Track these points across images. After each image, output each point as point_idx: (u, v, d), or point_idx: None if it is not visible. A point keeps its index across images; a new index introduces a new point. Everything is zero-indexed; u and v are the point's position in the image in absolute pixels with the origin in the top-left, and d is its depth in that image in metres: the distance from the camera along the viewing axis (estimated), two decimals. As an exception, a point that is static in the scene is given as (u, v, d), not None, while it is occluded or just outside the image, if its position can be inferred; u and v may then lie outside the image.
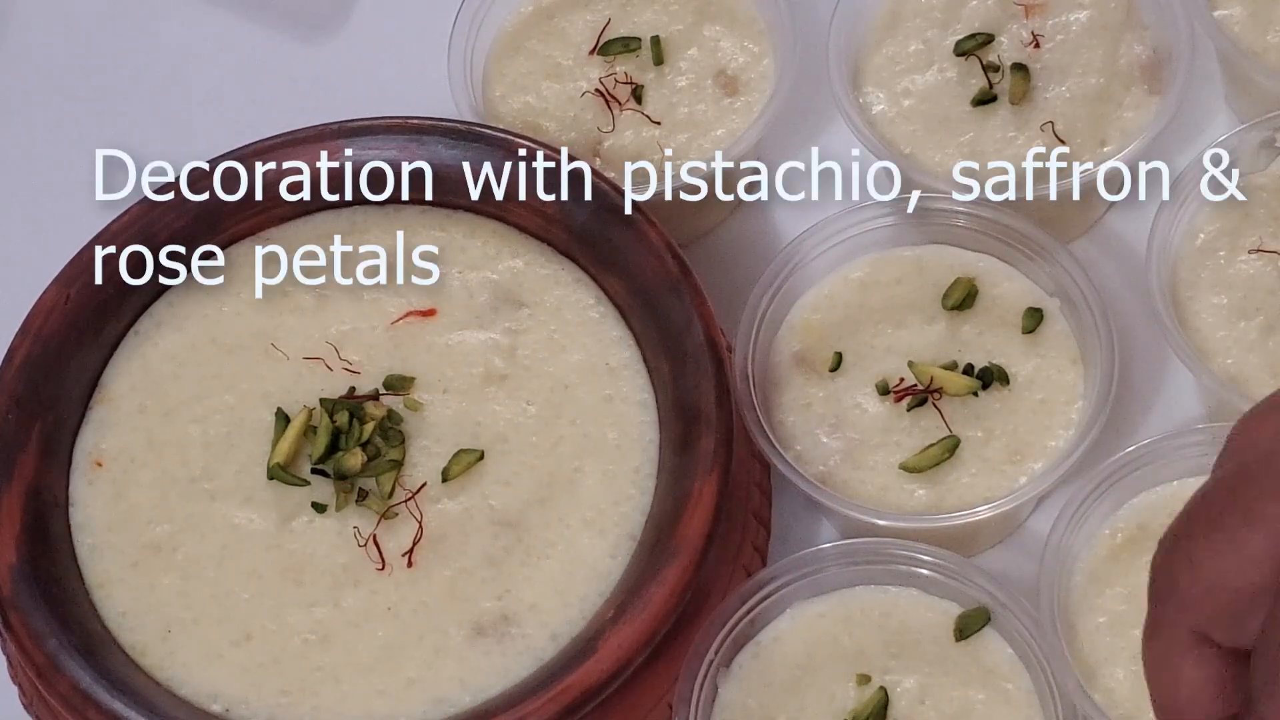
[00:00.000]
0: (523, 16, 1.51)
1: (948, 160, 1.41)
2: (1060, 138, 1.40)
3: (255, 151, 1.36)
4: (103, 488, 1.29)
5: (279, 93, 1.61)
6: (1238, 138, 1.36)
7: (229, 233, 1.36)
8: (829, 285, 1.38)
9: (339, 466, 1.27)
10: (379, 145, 1.36)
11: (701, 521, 1.21)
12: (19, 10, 1.69)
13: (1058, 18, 1.44)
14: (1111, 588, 1.25)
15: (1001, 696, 1.23)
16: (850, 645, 1.25)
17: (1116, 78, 1.42)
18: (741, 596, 1.25)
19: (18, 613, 1.21)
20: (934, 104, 1.43)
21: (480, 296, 1.33)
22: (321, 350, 1.32)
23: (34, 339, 1.30)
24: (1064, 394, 1.33)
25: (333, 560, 1.26)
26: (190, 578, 1.26)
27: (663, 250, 1.30)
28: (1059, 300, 1.35)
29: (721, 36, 1.48)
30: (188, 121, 1.62)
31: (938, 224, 1.38)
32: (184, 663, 1.23)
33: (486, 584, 1.24)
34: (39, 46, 1.68)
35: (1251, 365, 1.31)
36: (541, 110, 1.47)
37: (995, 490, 1.30)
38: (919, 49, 1.45)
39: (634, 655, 1.18)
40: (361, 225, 1.37)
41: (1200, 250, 1.35)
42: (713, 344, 1.27)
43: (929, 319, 1.36)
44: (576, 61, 1.48)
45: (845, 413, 1.33)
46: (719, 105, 1.46)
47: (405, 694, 1.22)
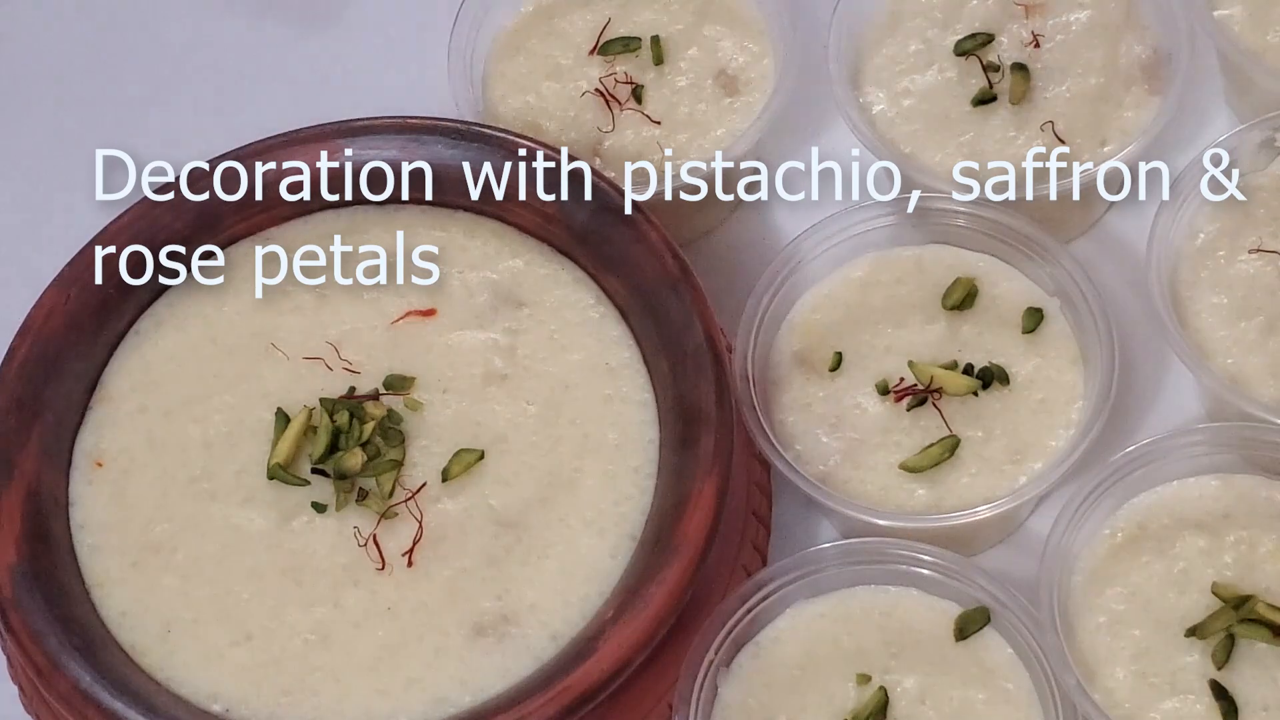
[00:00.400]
0: (523, 16, 1.51)
1: (948, 160, 1.41)
2: (1060, 138, 1.40)
3: (255, 151, 1.36)
4: (103, 488, 1.29)
5: (279, 93, 1.62)
6: (1238, 138, 1.36)
7: (229, 233, 1.36)
8: (829, 285, 1.38)
9: (339, 466, 1.27)
10: (379, 145, 1.36)
11: (701, 521, 1.21)
12: (19, 10, 1.69)
13: (1058, 18, 1.44)
14: (1111, 588, 1.25)
15: (1001, 696, 1.23)
16: (850, 645, 1.25)
17: (1116, 78, 1.42)
18: (741, 596, 1.25)
19: (18, 613, 1.21)
20: (934, 104, 1.43)
21: (480, 296, 1.34)
22: (321, 350, 1.32)
23: (34, 339, 1.30)
24: (1064, 394, 1.33)
25: (333, 560, 1.25)
26: (190, 578, 1.26)
27: (663, 250, 1.30)
28: (1059, 300, 1.35)
29: (721, 36, 1.48)
30: (188, 121, 1.62)
31: (938, 224, 1.38)
32: (184, 662, 1.23)
33: (486, 584, 1.24)
34: (39, 46, 1.68)
35: (1251, 365, 1.31)
36: (541, 110, 1.47)
37: (995, 490, 1.30)
38: (919, 49, 1.45)
39: (634, 655, 1.18)
40: (361, 225, 1.37)
41: (1200, 250, 1.35)
42: (713, 343, 1.27)
43: (929, 319, 1.36)
44: (576, 61, 1.48)
45: (845, 413, 1.33)
46: (719, 105, 1.46)
47: (405, 694, 1.22)
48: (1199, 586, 1.24)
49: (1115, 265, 1.45)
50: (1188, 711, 1.21)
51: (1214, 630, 1.22)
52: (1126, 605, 1.24)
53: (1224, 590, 1.23)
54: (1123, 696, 1.22)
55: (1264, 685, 1.21)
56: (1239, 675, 1.21)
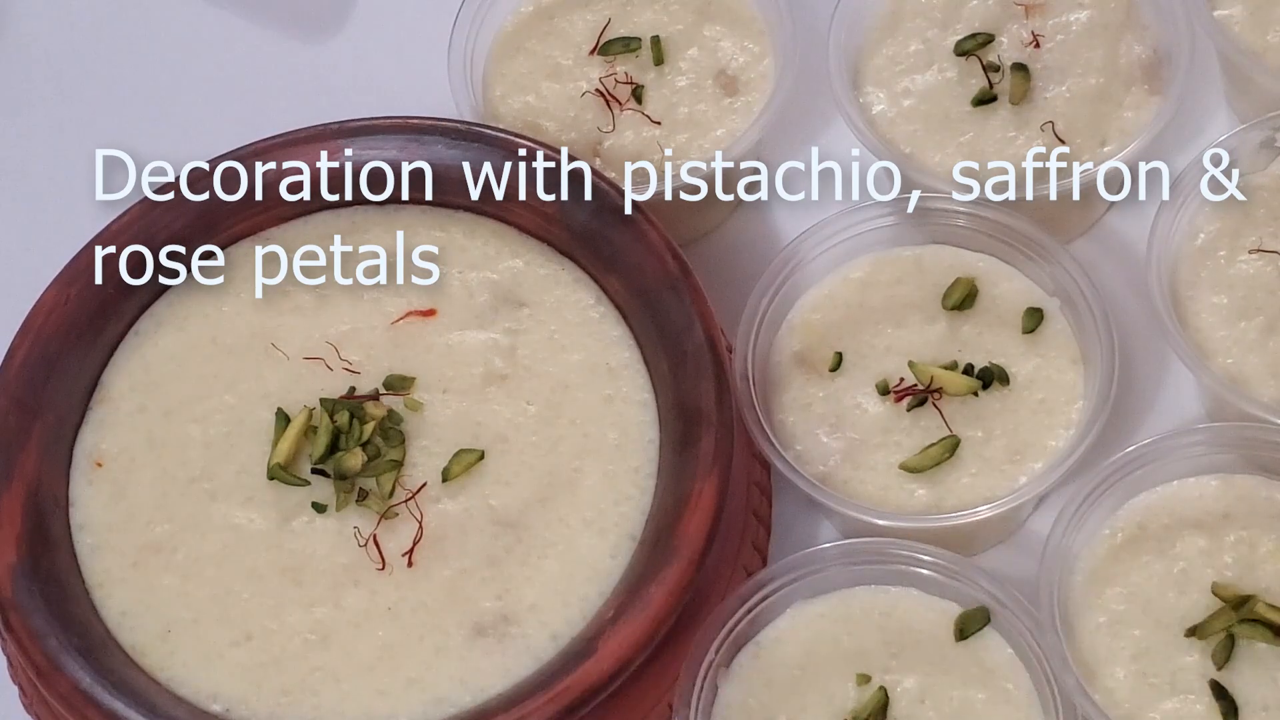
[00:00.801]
0: (523, 16, 1.51)
1: (948, 160, 1.41)
2: (1060, 138, 1.40)
3: (255, 151, 1.36)
4: (103, 488, 1.29)
5: (279, 93, 1.62)
6: (1238, 138, 1.36)
7: (229, 233, 1.36)
8: (829, 285, 1.38)
9: (339, 466, 1.27)
10: (379, 145, 1.36)
11: (701, 521, 1.21)
12: (19, 10, 1.69)
13: (1058, 18, 1.44)
14: (1111, 588, 1.25)
15: (1001, 696, 1.23)
16: (850, 645, 1.25)
17: (1116, 78, 1.42)
18: (741, 596, 1.25)
19: (18, 613, 1.22)
20: (934, 104, 1.43)
21: (480, 296, 1.34)
22: (321, 350, 1.32)
23: (34, 339, 1.30)
24: (1064, 394, 1.32)
25: (333, 560, 1.26)
26: (190, 578, 1.26)
27: (663, 250, 1.30)
28: (1059, 300, 1.35)
29: (721, 36, 1.48)
30: (188, 121, 1.62)
31: (938, 224, 1.38)
32: (184, 663, 1.23)
33: (486, 584, 1.24)
34: (39, 46, 1.68)
35: (1251, 365, 1.31)
36: (541, 110, 1.47)
37: (995, 490, 1.30)
38: (919, 49, 1.45)
39: (634, 655, 1.18)
40: (361, 225, 1.37)
41: (1200, 250, 1.35)
42: (713, 344, 1.27)
43: (929, 319, 1.36)
44: (576, 61, 1.48)
45: (845, 413, 1.33)
46: (719, 105, 1.46)
47: (405, 694, 1.22)
48: (1199, 586, 1.24)
49: (1115, 265, 1.45)
50: (1188, 711, 1.21)
51: (1214, 630, 1.22)
52: (1126, 605, 1.24)
53: (1224, 590, 1.23)
54: (1123, 696, 1.22)
55: (1264, 685, 1.21)
56: (1239, 675, 1.21)
